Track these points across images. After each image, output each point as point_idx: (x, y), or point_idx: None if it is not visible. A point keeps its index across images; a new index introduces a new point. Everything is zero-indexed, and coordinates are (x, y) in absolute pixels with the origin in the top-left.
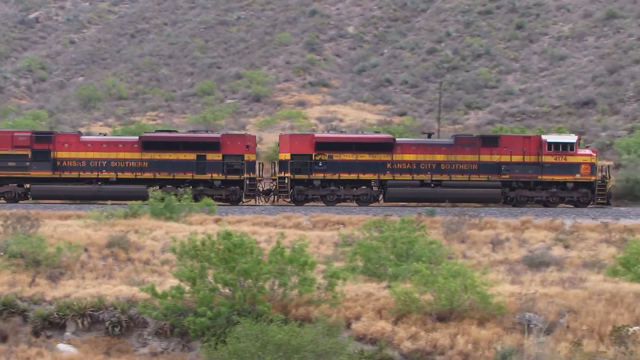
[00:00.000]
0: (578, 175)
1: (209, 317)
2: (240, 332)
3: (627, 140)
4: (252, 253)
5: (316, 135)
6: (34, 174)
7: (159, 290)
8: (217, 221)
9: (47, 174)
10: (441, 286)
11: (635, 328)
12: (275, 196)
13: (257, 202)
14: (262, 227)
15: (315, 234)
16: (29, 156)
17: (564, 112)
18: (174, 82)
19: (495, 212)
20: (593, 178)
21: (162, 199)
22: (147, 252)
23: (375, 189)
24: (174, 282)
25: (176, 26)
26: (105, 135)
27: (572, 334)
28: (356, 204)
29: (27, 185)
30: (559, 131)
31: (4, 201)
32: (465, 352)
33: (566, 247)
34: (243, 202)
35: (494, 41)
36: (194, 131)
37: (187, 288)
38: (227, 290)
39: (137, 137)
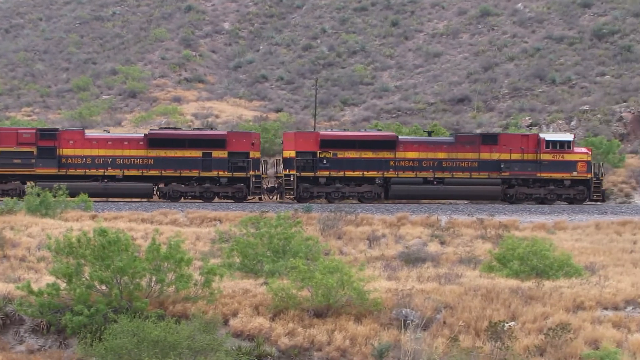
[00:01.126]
0: (575, 173)
1: (86, 315)
2: (117, 329)
3: None
4: (127, 250)
5: (321, 133)
6: (39, 171)
7: (34, 287)
8: (93, 218)
9: (53, 171)
10: (318, 282)
11: (511, 323)
12: (279, 194)
13: (263, 200)
14: (138, 224)
15: (192, 230)
16: (34, 153)
17: (439, 109)
18: (49, 78)
19: (372, 209)
20: (589, 175)
21: (38, 195)
22: (23, 249)
23: (380, 187)
24: (51, 279)
25: (51, 21)
26: (108, 132)
27: (448, 330)
28: (359, 202)
29: (30, 183)
30: (434, 128)
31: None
32: (343, 348)
33: (442, 243)
34: (249, 200)
35: (369, 38)
36: (199, 129)
37: (64, 285)
38: (103, 288)
39: (143, 135)
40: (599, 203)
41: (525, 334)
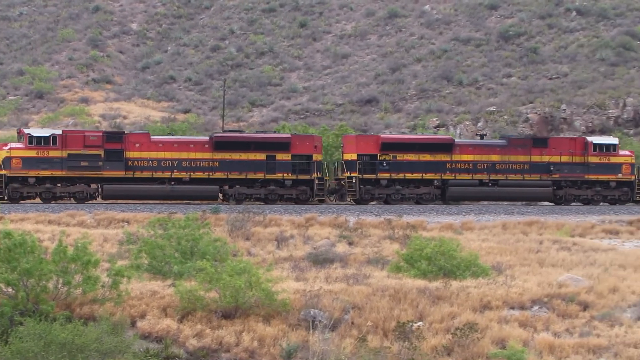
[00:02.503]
0: (620, 175)
1: None
2: (23, 331)
3: None
4: (34, 252)
5: (382, 136)
6: (107, 173)
7: None
8: None
9: (120, 173)
10: (226, 283)
11: (419, 323)
12: (339, 195)
13: (327, 202)
14: (45, 226)
15: (100, 232)
16: (102, 156)
17: (347, 110)
18: None
19: (280, 210)
20: (632, 177)
21: None
22: None
23: (437, 188)
24: None
25: None
26: (172, 135)
27: (356, 330)
28: (414, 204)
29: (93, 186)
30: (342, 129)
31: (74, 201)
32: (251, 349)
33: (350, 243)
34: (312, 201)
35: (277, 39)
36: (262, 131)
37: None
38: (9, 290)
39: (208, 137)
40: None
41: (432, 333)
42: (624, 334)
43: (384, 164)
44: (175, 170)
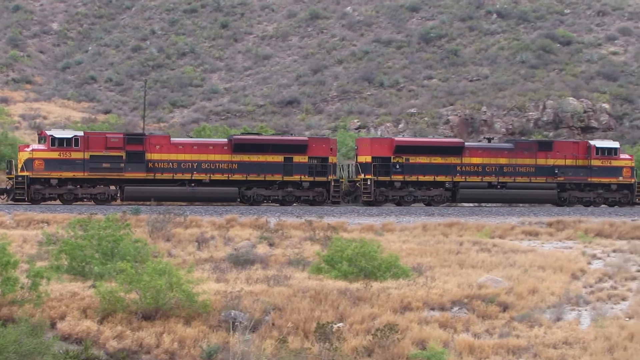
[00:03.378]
0: (621, 178)
1: None
2: None
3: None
4: None
5: (396, 139)
6: (128, 175)
7: None
8: None
9: (142, 175)
10: (146, 285)
11: (340, 324)
12: (355, 197)
13: (341, 203)
14: None
15: (19, 232)
16: (123, 157)
17: (268, 111)
18: None
19: (201, 211)
20: (633, 180)
21: None
22: None
23: (447, 190)
24: None
25: None
26: (190, 137)
27: (277, 331)
28: (424, 205)
29: (112, 187)
30: (262, 130)
31: (92, 203)
32: (171, 351)
33: (271, 245)
34: (328, 203)
35: (199, 40)
36: (279, 134)
37: None
38: None
39: (226, 139)
40: None
41: (353, 334)
42: (543, 334)
43: (397, 167)
44: (195, 172)
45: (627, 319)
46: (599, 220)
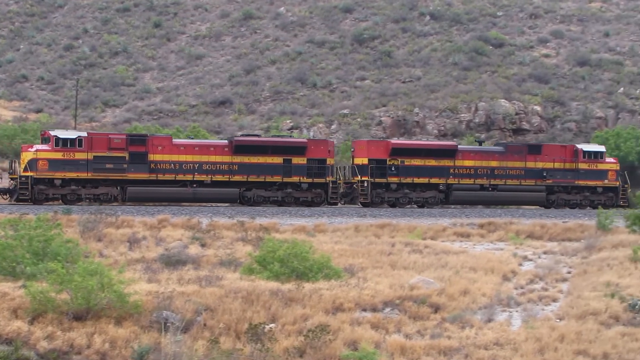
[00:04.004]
0: (606, 181)
1: None
2: None
3: None
4: None
5: (392, 141)
6: (131, 176)
7: None
8: None
9: (144, 176)
10: (77, 285)
11: (271, 325)
12: (352, 198)
13: (339, 204)
14: None
15: None
16: (127, 158)
17: (201, 111)
18: None
19: (132, 211)
20: (617, 183)
21: None
22: None
23: (440, 192)
24: None
25: None
26: (192, 138)
27: (209, 332)
28: (417, 207)
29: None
30: (194, 130)
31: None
32: (102, 352)
33: (203, 245)
34: (326, 204)
35: (131, 39)
36: (278, 136)
37: None
38: None
39: (227, 141)
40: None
41: (285, 335)
42: (475, 335)
43: (393, 169)
44: (196, 173)
45: (558, 320)
46: (530, 222)
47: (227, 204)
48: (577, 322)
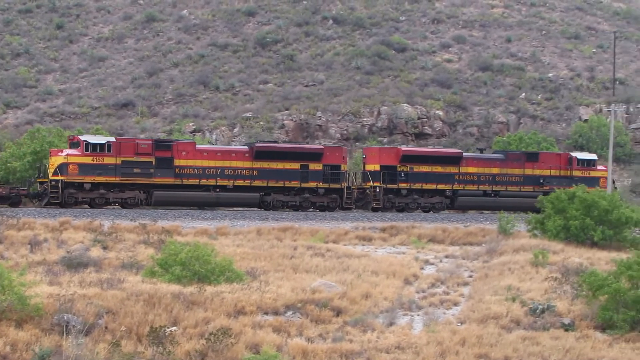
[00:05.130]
0: (598, 187)
1: None
2: None
3: None
4: None
5: (402, 148)
6: (157, 180)
7: None
8: None
9: (170, 180)
10: None
11: (173, 328)
12: (365, 203)
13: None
14: None
15: None
16: (153, 163)
17: (103, 113)
18: None
19: (34, 213)
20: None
21: None
22: None
23: (447, 198)
24: None
25: None
26: (213, 144)
27: (110, 335)
28: (422, 212)
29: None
30: (97, 132)
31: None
32: (3, 355)
33: (105, 248)
34: (341, 209)
35: (33, 40)
36: (295, 142)
37: None
38: None
39: (247, 147)
40: None
41: (187, 338)
42: (376, 339)
43: (402, 175)
44: (218, 178)
45: (459, 323)
46: (432, 226)
47: (247, 209)
48: (479, 325)
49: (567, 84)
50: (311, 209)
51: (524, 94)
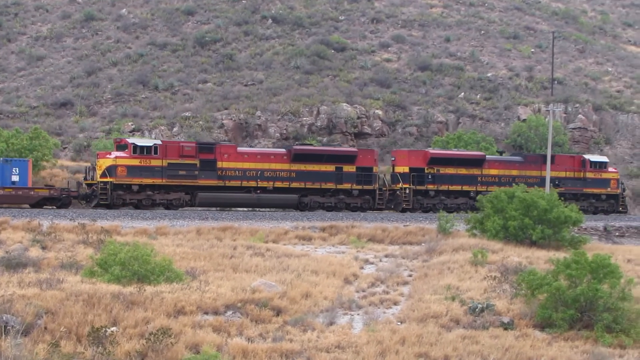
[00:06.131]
0: (609, 189)
1: None
2: None
3: (105, 142)
4: None
5: (430, 151)
6: (202, 182)
7: None
8: None
9: (214, 182)
10: None
11: (113, 329)
12: (396, 204)
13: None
14: None
15: None
16: (197, 165)
17: (41, 113)
18: None
19: None
20: (618, 191)
21: None
22: None
23: (470, 199)
24: None
25: None
26: (252, 147)
27: (50, 335)
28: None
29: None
30: (35, 132)
31: (173, 209)
32: None
33: (44, 248)
34: (375, 209)
35: None
36: (329, 145)
37: None
38: None
39: (285, 150)
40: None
41: (127, 339)
42: (316, 338)
43: (429, 177)
44: (259, 180)
45: (399, 323)
46: (372, 226)
47: (285, 210)
48: (418, 325)
49: (506, 83)
50: (345, 210)
51: (462, 94)
